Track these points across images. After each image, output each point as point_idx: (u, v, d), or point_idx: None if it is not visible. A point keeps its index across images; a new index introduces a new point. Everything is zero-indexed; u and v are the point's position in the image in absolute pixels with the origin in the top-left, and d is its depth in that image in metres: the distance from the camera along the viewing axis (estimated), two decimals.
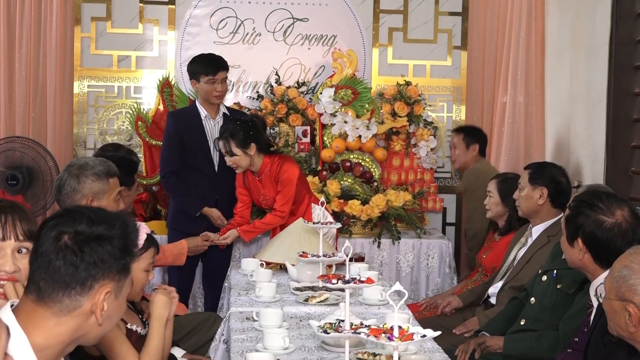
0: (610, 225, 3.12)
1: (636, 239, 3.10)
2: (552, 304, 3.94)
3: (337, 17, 6.77)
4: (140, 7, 6.67)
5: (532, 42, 6.65)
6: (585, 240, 3.16)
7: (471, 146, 6.12)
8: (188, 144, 5.44)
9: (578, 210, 3.20)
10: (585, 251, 3.18)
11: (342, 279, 3.06)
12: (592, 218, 3.14)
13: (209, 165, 5.48)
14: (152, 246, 3.26)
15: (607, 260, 3.13)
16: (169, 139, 5.48)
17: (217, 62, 5.44)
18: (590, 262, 3.18)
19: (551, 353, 3.78)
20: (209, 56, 5.55)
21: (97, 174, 3.74)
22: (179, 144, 5.43)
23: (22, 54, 6.44)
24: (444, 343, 3.62)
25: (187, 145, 5.43)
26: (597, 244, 3.14)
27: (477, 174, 6.00)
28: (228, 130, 5.16)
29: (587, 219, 3.16)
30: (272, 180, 5.24)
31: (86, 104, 6.67)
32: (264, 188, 5.26)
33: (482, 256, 5.07)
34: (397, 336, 2.50)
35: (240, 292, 4.27)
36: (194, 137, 5.45)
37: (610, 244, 3.11)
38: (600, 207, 3.14)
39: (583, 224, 3.17)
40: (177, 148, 5.43)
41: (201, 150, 5.46)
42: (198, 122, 5.47)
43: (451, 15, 6.85)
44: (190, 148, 5.44)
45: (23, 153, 6.02)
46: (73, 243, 1.97)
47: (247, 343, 3.38)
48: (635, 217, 3.14)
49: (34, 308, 1.97)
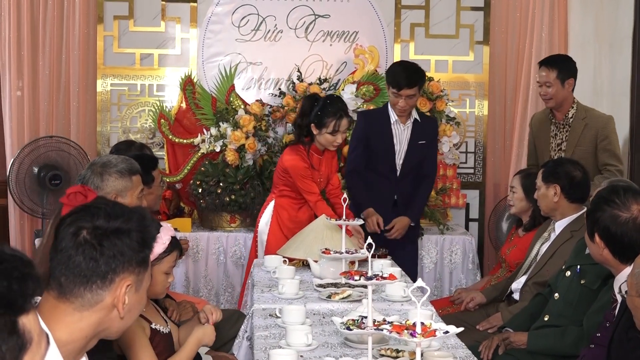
0: (625, 219, 3.11)
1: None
2: (576, 299, 3.92)
3: (359, 13, 6.75)
4: (162, 5, 6.68)
5: (555, 36, 6.62)
6: (602, 235, 3.16)
7: (566, 82, 5.34)
8: (374, 146, 5.49)
9: (597, 206, 3.20)
10: (604, 246, 3.17)
11: (365, 276, 3.06)
12: (608, 213, 3.14)
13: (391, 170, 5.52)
14: (175, 250, 3.25)
15: (625, 255, 3.12)
16: (357, 139, 5.55)
17: (403, 78, 5.33)
18: (611, 257, 3.17)
19: (575, 349, 3.76)
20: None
21: (120, 172, 3.74)
22: (365, 144, 5.49)
23: (45, 53, 6.47)
24: (467, 339, 3.61)
25: (372, 147, 5.48)
26: (613, 239, 3.13)
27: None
28: (345, 109, 5.30)
29: (603, 214, 3.15)
30: (330, 158, 5.41)
31: (109, 102, 6.69)
32: (327, 168, 5.36)
33: (505, 252, 5.05)
34: (420, 332, 2.50)
35: (263, 289, 4.28)
36: (380, 140, 5.48)
37: (624, 238, 3.11)
38: (616, 202, 3.14)
39: (599, 219, 3.16)
40: (363, 148, 5.50)
41: (385, 154, 5.49)
42: (387, 126, 5.48)
43: (473, 11, 6.82)
44: (375, 150, 5.49)
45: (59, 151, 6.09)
46: (92, 237, 1.98)
47: (271, 340, 3.38)
48: None
49: (55, 304, 1.97)
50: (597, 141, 5.20)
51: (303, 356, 3.13)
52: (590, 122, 5.24)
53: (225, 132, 6.11)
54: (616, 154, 5.20)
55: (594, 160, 5.16)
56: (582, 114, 5.29)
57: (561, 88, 5.24)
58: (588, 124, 5.24)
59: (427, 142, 5.52)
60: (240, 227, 6.05)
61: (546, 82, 5.25)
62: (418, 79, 5.37)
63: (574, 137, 5.26)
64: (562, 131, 5.33)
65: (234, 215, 6.02)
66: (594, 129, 5.22)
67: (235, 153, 6.05)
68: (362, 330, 2.85)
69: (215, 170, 6.04)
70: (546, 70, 5.27)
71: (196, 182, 6.03)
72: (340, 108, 5.26)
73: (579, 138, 5.24)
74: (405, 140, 5.45)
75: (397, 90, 5.31)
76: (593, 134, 5.21)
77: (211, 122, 6.25)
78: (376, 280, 3.02)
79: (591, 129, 5.22)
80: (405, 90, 5.30)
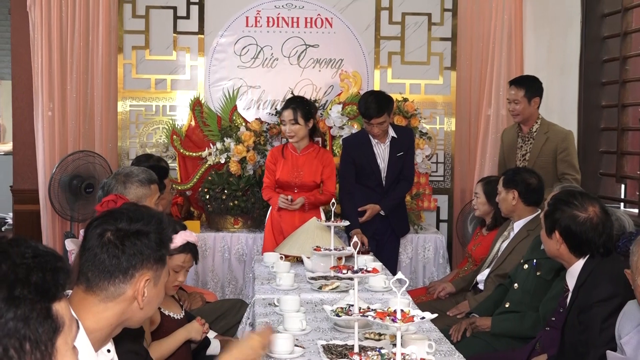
0: (584, 219, 3.10)
1: (605, 232, 3.08)
2: (533, 288, 3.93)
3: (344, 43, 6.76)
4: (174, 37, 6.67)
5: (512, 62, 6.63)
6: (562, 232, 3.15)
7: (533, 100, 5.20)
8: (360, 165, 5.41)
9: (555, 207, 3.19)
10: (562, 242, 3.16)
11: (351, 269, 3.05)
12: (568, 213, 3.12)
13: (378, 184, 5.45)
14: (186, 252, 3.17)
15: (581, 250, 3.12)
16: (344, 161, 5.46)
17: (372, 109, 5.25)
18: (566, 252, 3.17)
19: (533, 331, 3.76)
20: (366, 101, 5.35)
21: (141, 181, 3.73)
22: (352, 166, 5.41)
23: (72, 79, 6.45)
24: (440, 324, 3.60)
25: (359, 167, 5.41)
26: (572, 236, 3.12)
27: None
28: (295, 102, 5.22)
29: (563, 214, 3.14)
30: (314, 161, 5.26)
31: (128, 121, 6.67)
32: (303, 164, 5.25)
33: (471, 248, 5.05)
34: (400, 318, 2.49)
35: (263, 282, 4.26)
36: (365, 161, 5.40)
37: (583, 236, 3.10)
38: (575, 204, 3.13)
39: (560, 219, 3.15)
40: (350, 169, 5.42)
41: (371, 171, 5.42)
42: (369, 147, 5.40)
43: (442, 41, 6.83)
44: (362, 169, 5.42)
45: (92, 164, 6.07)
46: (115, 238, 1.98)
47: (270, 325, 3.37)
48: (604, 213, 3.12)
49: (84, 296, 1.97)
50: (556, 153, 5.10)
51: (298, 339, 3.11)
52: (551, 136, 5.14)
53: (229, 146, 6.10)
54: (573, 164, 5.10)
55: (553, 169, 5.09)
56: (545, 128, 5.19)
57: (528, 105, 5.14)
58: (549, 137, 5.14)
59: (405, 151, 5.45)
60: (242, 228, 6.02)
61: (515, 99, 5.16)
62: (385, 107, 5.23)
63: (536, 148, 5.17)
64: (526, 143, 5.24)
65: (237, 218, 6.00)
66: (554, 142, 5.11)
67: (238, 164, 6.05)
68: (350, 317, 2.84)
69: (220, 179, 6.02)
70: (515, 89, 5.17)
71: (204, 190, 6.02)
72: (288, 102, 5.29)
73: (541, 149, 5.14)
74: (386, 157, 5.40)
75: (368, 120, 5.27)
76: (553, 147, 5.11)
77: (217, 137, 6.24)
78: (361, 273, 3.02)
79: (552, 142, 5.12)
80: (375, 119, 5.24)
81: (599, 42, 5.53)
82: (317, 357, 2.92)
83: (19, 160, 6.62)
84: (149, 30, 6.66)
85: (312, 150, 5.29)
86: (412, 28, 6.81)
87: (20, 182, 6.61)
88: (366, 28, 6.79)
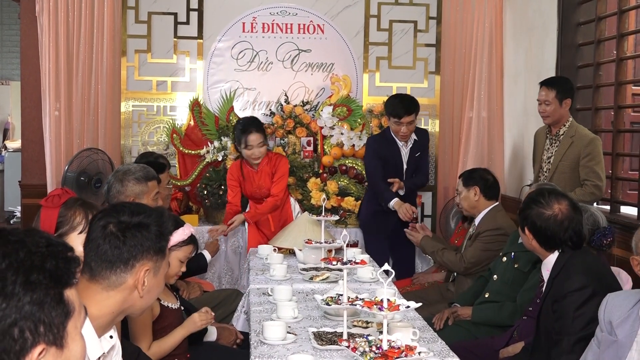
0: (548, 216, 3.11)
1: (571, 227, 3.08)
2: (511, 280, 3.94)
3: (335, 48, 6.75)
4: (175, 41, 6.65)
5: (493, 67, 6.64)
6: (530, 228, 3.16)
7: (564, 101, 4.82)
8: (387, 163, 5.47)
9: (526, 205, 3.20)
10: (532, 238, 3.17)
11: (341, 261, 3.05)
12: (535, 211, 3.14)
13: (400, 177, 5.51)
14: (192, 244, 3.22)
15: (549, 245, 3.13)
16: (371, 157, 5.51)
17: (401, 108, 5.31)
18: (538, 246, 3.17)
19: (511, 320, 3.78)
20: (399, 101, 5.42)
21: (138, 179, 3.71)
22: (379, 161, 5.46)
23: (78, 81, 6.42)
24: (423, 312, 3.61)
25: (385, 164, 5.47)
26: (539, 232, 3.13)
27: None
28: (255, 124, 5.19)
29: (531, 212, 3.16)
30: (269, 171, 5.25)
31: (131, 120, 6.65)
32: (260, 179, 5.25)
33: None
34: (386, 307, 2.49)
35: (257, 273, 4.26)
36: (392, 160, 5.48)
37: (547, 231, 3.10)
38: (542, 202, 3.14)
39: (528, 216, 3.17)
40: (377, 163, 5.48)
41: (395, 169, 5.50)
42: (397, 149, 5.48)
43: (427, 47, 6.83)
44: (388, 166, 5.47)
45: (96, 160, 6.03)
46: (117, 230, 1.98)
47: (264, 314, 3.37)
48: (573, 209, 3.12)
49: (87, 285, 1.97)
50: (579, 158, 4.66)
51: (291, 326, 3.11)
52: (576, 140, 4.70)
53: (226, 144, 6.09)
54: (595, 170, 4.61)
55: (571, 175, 4.69)
56: (572, 131, 4.77)
57: (559, 107, 4.75)
58: (574, 142, 4.70)
59: (421, 152, 5.58)
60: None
61: (545, 100, 4.77)
62: (414, 106, 5.35)
63: (560, 152, 4.76)
64: (553, 145, 4.85)
65: None
66: (578, 147, 4.67)
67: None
68: (339, 306, 2.84)
69: (217, 176, 6.01)
70: (546, 90, 4.79)
71: (202, 186, 6.01)
72: (248, 125, 5.16)
73: (564, 154, 4.73)
74: (407, 156, 5.51)
75: (398, 119, 5.28)
76: (577, 151, 4.67)
77: (214, 136, 6.23)
78: (350, 265, 3.02)
79: (576, 147, 4.68)
80: (405, 117, 5.27)
81: (574, 49, 5.54)
82: (308, 343, 2.92)
83: (27, 157, 6.59)
84: (151, 34, 6.64)
85: (264, 162, 5.28)
86: (399, 35, 6.81)
87: (28, 177, 6.58)
88: (356, 34, 6.79)
